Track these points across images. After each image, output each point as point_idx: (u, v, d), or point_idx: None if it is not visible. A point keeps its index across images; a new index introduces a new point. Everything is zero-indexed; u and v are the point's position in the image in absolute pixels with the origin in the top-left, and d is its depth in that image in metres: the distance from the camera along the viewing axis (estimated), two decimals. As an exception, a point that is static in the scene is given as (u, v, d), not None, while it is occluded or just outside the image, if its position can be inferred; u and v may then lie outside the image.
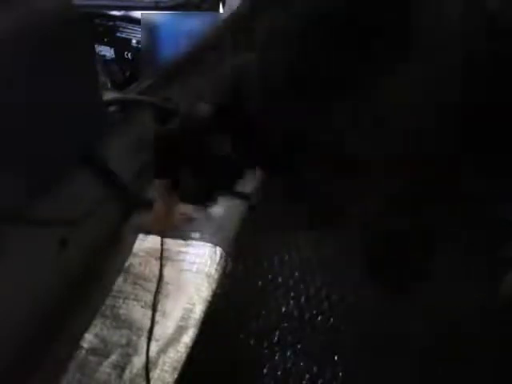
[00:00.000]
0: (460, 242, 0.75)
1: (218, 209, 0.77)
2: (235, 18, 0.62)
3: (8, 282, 0.54)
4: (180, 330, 0.61)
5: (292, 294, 0.66)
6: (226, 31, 0.63)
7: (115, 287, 0.66)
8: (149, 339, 0.59)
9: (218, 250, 0.70)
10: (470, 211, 0.76)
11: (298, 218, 0.88)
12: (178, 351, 0.59)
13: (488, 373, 0.59)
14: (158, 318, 0.62)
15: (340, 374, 0.59)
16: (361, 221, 0.77)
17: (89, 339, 0.61)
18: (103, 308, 0.64)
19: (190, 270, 0.67)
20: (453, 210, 0.76)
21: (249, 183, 0.82)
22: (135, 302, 0.64)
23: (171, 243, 0.71)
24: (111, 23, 0.92)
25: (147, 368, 0.57)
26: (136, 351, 0.59)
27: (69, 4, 0.57)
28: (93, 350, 0.60)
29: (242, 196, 0.79)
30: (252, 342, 0.61)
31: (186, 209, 0.77)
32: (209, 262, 0.68)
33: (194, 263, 0.68)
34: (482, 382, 0.58)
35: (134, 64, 0.84)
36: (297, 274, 0.68)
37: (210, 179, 0.67)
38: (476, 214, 0.75)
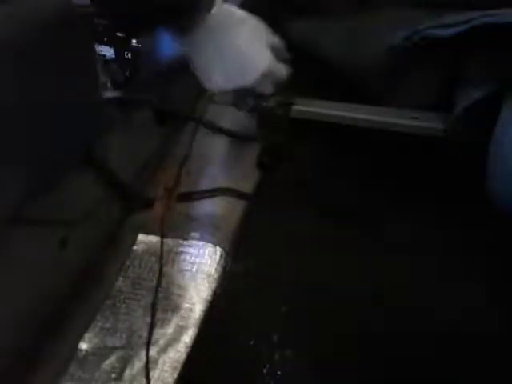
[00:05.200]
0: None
1: (218, 208, 0.77)
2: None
3: (8, 282, 0.54)
4: (180, 329, 0.61)
5: (292, 293, 0.66)
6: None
7: (115, 287, 0.66)
8: (149, 339, 0.60)
9: (218, 249, 0.70)
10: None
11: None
12: (177, 351, 0.59)
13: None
14: (158, 317, 0.62)
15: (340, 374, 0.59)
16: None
17: (89, 339, 0.61)
18: (103, 308, 0.64)
19: (189, 270, 0.68)
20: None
21: (249, 182, 0.82)
22: (135, 302, 0.64)
23: (171, 243, 0.71)
24: (111, 23, 0.92)
25: (147, 368, 0.57)
26: (136, 351, 0.59)
27: (69, 4, 0.58)
28: (93, 350, 0.60)
29: (242, 195, 0.79)
30: (252, 342, 0.61)
31: (185, 208, 0.77)
32: (209, 262, 0.68)
33: (194, 263, 0.68)
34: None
35: (134, 64, 0.84)
36: (297, 273, 0.68)
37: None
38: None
